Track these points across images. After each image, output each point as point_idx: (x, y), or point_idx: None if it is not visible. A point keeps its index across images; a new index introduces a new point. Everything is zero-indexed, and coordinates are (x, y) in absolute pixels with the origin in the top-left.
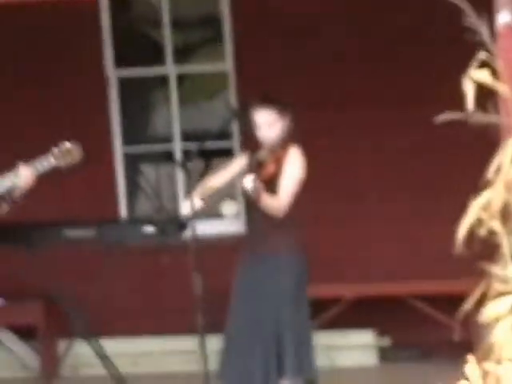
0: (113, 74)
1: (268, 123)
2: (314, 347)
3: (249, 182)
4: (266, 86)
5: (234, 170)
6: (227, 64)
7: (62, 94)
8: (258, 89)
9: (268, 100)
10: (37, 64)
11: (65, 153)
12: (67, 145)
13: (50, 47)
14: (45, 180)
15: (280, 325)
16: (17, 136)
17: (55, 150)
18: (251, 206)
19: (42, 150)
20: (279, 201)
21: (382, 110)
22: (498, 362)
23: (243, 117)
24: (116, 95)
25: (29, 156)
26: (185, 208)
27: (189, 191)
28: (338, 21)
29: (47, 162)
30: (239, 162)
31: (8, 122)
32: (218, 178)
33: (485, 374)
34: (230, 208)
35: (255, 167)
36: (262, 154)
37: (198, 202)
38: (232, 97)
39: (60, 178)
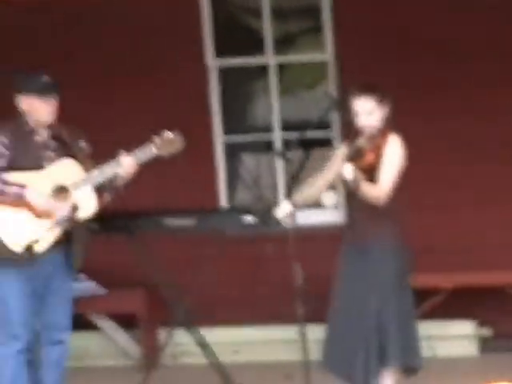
0: (213, 63)
1: (367, 111)
2: (418, 337)
3: (348, 171)
4: (366, 75)
5: (336, 161)
6: (327, 54)
7: (163, 83)
8: (357, 78)
9: (368, 88)
10: (138, 53)
11: (166, 142)
12: (169, 134)
13: (152, 37)
14: (146, 169)
15: (384, 314)
16: (119, 124)
17: (156, 139)
18: (351, 196)
19: (143, 138)
20: (379, 189)
21: (484, 97)
22: None
23: (343, 106)
24: (216, 85)
25: (131, 145)
26: (280, 212)
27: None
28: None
29: (149, 150)
30: (339, 156)
31: (110, 110)
32: (327, 171)
33: None
34: (329, 198)
35: (354, 156)
36: (361, 142)
37: (292, 207)
38: (332, 86)
39: (161, 167)
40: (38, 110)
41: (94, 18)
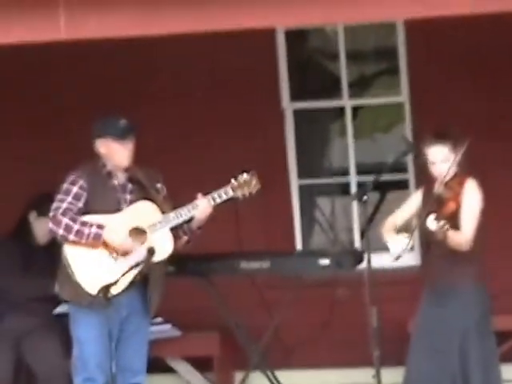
0: (289, 106)
1: (442, 159)
2: (501, 380)
3: (433, 221)
4: (441, 117)
5: (413, 205)
6: (403, 96)
7: (241, 126)
8: (432, 119)
9: (441, 136)
10: (216, 97)
11: (242, 184)
12: (245, 176)
13: (229, 80)
14: (222, 211)
15: (467, 360)
16: (197, 165)
17: (233, 182)
18: (431, 242)
19: (220, 180)
20: (464, 236)
21: None
22: None
23: (418, 149)
24: (292, 127)
25: (207, 186)
26: (394, 248)
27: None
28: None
29: (225, 192)
30: (416, 199)
31: (189, 149)
32: (401, 214)
33: None
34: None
35: (436, 205)
36: (441, 192)
37: (404, 240)
38: (407, 129)
39: (236, 209)
40: (116, 153)
41: (178, 64)
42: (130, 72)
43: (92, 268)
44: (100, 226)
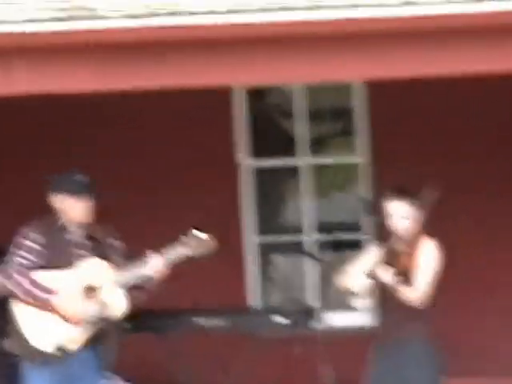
0: (247, 163)
1: (401, 214)
2: None
3: (386, 274)
4: (399, 178)
5: (368, 261)
6: (359, 156)
7: (197, 182)
8: (391, 181)
9: (402, 191)
10: (174, 151)
11: (195, 242)
12: (198, 234)
13: (186, 135)
14: (177, 268)
15: None
16: (147, 221)
17: (185, 239)
18: (386, 297)
19: (173, 237)
20: (416, 292)
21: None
22: None
23: (375, 209)
24: (250, 185)
25: (160, 242)
26: (357, 302)
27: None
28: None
29: (178, 251)
30: (372, 253)
31: (138, 205)
32: (356, 269)
33: None
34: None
35: (391, 259)
36: (398, 246)
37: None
38: (363, 189)
39: (193, 266)
40: (72, 208)
41: (131, 118)
42: (83, 125)
43: (40, 325)
44: (51, 292)
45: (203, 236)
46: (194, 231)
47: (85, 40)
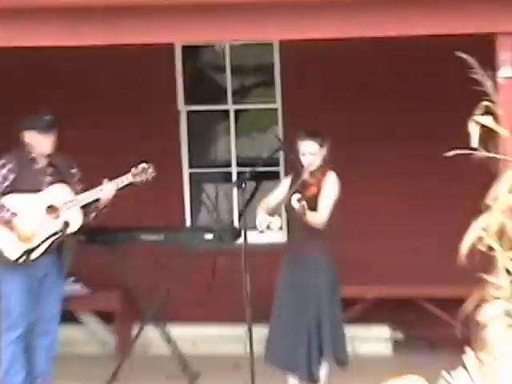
0: (183, 108)
1: (311, 152)
2: (345, 335)
3: (296, 200)
4: (306, 122)
5: (282, 191)
6: (277, 103)
7: (144, 125)
8: (299, 124)
9: (312, 133)
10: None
11: (141, 171)
12: (143, 165)
13: (135, 86)
14: (125, 192)
15: (320, 315)
16: (105, 156)
17: (133, 169)
18: (293, 219)
19: (124, 168)
20: (319, 216)
21: (401, 146)
22: (492, 354)
23: (287, 147)
24: (186, 126)
25: (115, 172)
26: (260, 225)
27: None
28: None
29: (126, 178)
30: (285, 184)
31: (99, 144)
32: (273, 199)
33: (480, 364)
34: (276, 222)
35: (300, 188)
36: (306, 178)
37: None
38: (280, 131)
39: (139, 192)
40: (40, 143)
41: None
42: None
43: (8, 238)
44: (14, 214)
45: (147, 167)
46: (140, 163)
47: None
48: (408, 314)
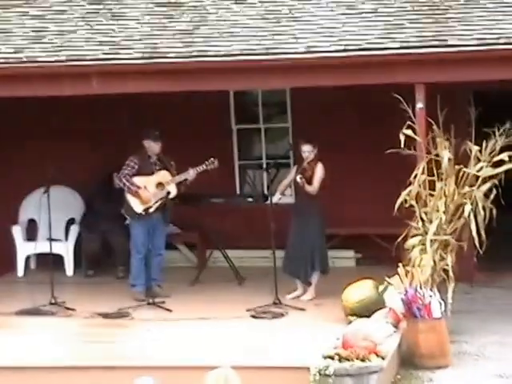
0: (234, 127)
1: (308, 151)
2: (327, 255)
3: (299, 179)
4: (306, 134)
5: (292, 174)
6: (288, 123)
7: (213, 138)
8: (302, 136)
9: (308, 140)
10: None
11: (210, 163)
12: (211, 159)
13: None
14: (203, 174)
15: (314, 243)
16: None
17: (206, 162)
18: (298, 189)
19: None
20: (313, 188)
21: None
22: (413, 266)
23: (294, 148)
24: (236, 138)
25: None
26: (275, 198)
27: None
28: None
29: (202, 167)
30: (293, 170)
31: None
32: (287, 180)
33: (406, 273)
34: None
35: (301, 172)
36: (305, 166)
37: (279, 196)
38: (290, 139)
39: (211, 174)
40: (153, 147)
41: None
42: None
43: (135, 202)
44: (139, 187)
45: (213, 161)
46: (210, 159)
47: None
48: (365, 244)
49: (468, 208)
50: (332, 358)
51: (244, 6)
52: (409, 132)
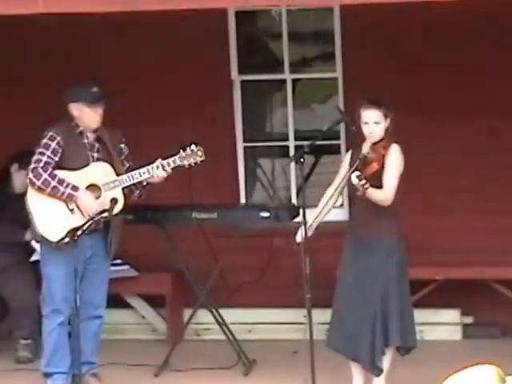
0: (237, 78)
1: (374, 121)
2: (414, 321)
3: (355, 179)
4: (370, 92)
5: (344, 171)
6: (337, 72)
7: (193, 94)
8: (363, 95)
9: (376, 101)
10: (175, 68)
11: (189, 154)
12: (192, 147)
13: (183, 54)
14: (178, 172)
15: (387, 301)
16: (156, 128)
17: (182, 152)
18: (355, 198)
19: (173, 143)
20: (385, 193)
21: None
22: None
23: (349, 119)
24: (239, 97)
25: (166, 148)
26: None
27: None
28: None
29: (173, 161)
30: (346, 161)
31: (165, 114)
32: (335, 182)
33: None
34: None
35: (361, 165)
36: (367, 153)
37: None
38: (341, 101)
39: (191, 168)
40: (87, 116)
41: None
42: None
43: (50, 217)
44: (75, 188)
45: (196, 150)
46: (190, 145)
47: None
48: (479, 296)
49: None
50: None
51: None
52: None
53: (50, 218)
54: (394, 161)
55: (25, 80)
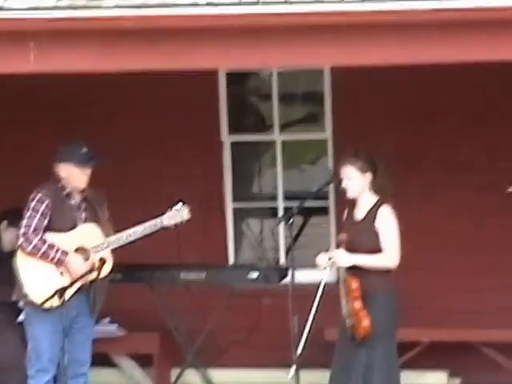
0: (227, 139)
1: (347, 177)
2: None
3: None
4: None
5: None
6: (326, 133)
7: (183, 154)
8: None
9: (352, 155)
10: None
11: (174, 214)
12: (178, 206)
13: (173, 114)
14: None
15: (372, 361)
16: (143, 188)
17: (168, 212)
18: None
19: (163, 201)
20: (390, 258)
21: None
22: None
23: (339, 180)
24: (229, 158)
25: (153, 205)
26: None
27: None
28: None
29: (159, 222)
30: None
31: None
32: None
33: None
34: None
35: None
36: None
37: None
38: (330, 162)
39: (179, 227)
40: (76, 178)
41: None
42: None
43: (41, 276)
44: (64, 253)
45: (182, 209)
46: (177, 203)
47: (88, 26)
48: (467, 359)
49: None
50: None
51: None
52: None
53: (38, 279)
54: (388, 223)
55: (13, 136)
